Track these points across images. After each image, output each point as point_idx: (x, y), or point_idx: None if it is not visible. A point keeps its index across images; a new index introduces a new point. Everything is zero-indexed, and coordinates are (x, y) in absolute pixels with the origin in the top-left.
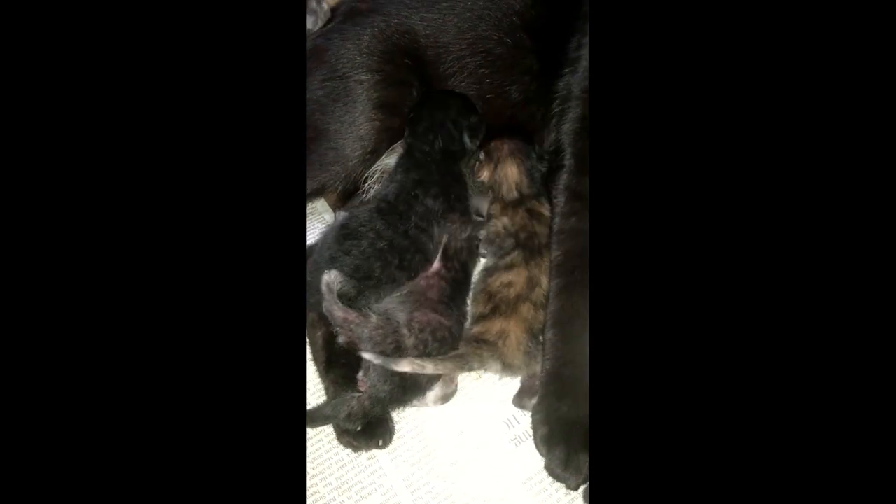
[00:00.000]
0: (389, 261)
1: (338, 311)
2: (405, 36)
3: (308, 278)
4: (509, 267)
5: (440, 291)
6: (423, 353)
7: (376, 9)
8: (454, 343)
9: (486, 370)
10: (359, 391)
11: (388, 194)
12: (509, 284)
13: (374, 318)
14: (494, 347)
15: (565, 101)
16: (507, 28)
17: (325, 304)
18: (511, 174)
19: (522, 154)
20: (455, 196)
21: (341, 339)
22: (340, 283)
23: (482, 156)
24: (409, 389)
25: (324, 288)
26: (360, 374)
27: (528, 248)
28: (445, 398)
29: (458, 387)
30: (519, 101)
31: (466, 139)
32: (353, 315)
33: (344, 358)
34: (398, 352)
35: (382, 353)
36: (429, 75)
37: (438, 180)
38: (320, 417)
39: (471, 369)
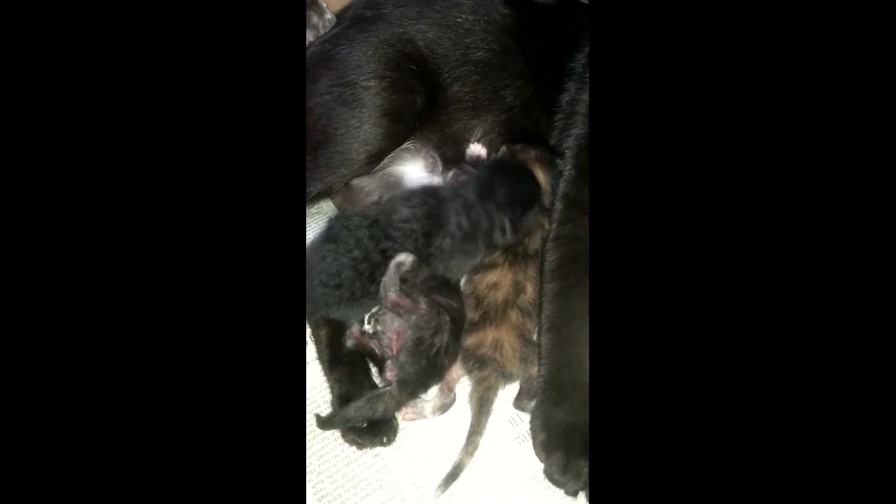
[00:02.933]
0: (361, 271)
1: (392, 294)
2: (408, 44)
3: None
4: (491, 266)
5: None
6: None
7: (381, 17)
8: (463, 322)
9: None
10: (378, 388)
11: (389, 217)
12: (495, 286)
13: (423, 304)
14: (494, 363)
15: (570, 116)
16: (492, 35)
17: (384, 281)
18: (539, 179)
19: (548, 164)
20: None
21: (349, 343)
22: (408, 265)
23: (503, 149)
24: (432, 373)
25: (392, 266)
26: (388, 363)
27: (512, 251)
28: (444, 408)
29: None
30: (515, 106)
31: (508, 233)
32: (406, 301)
33: (348, 356)
34: (438, 334)
35: (420, 340)
36: (431, 84)
37: (447, 258)
38: (356, 416)
39: (490, 398)
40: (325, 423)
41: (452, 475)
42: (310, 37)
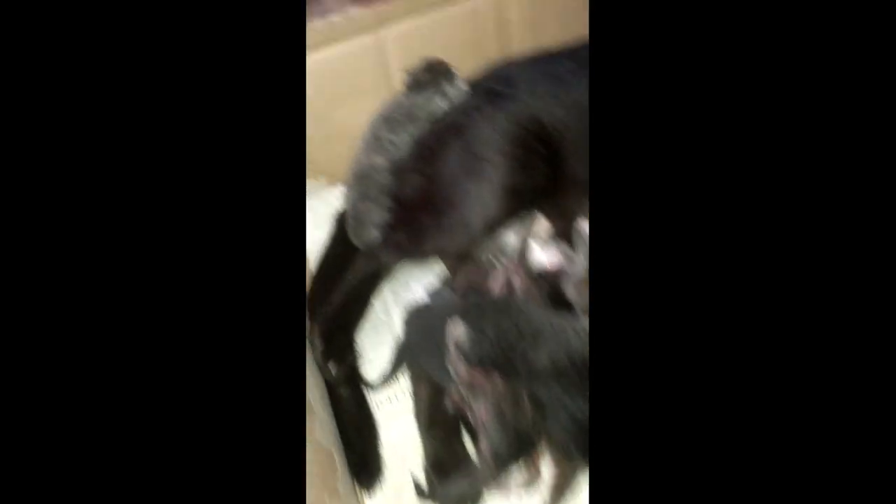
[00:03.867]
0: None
1: (463, 371)
2: (536, 123)
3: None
4: None
5: None
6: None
7: (513, 95)
8: None
9: None
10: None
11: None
12: None
13: (499, 382)
14: None
15: None
16: None
17: (449, 357)
18: None
19: None
20: None
21: (448, 405)
22: (466, 339)
23: None
24: (523, 447)
25: (450, 342)
26: (481, 437)
27: None
28: (528, 484)
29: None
30: None
31: None
32: (478, 378)
33: (443, 419)
34: (519, 409)
35: (501, 413)
36: (553, 162)
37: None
38: (456, 493)
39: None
40: (423, 494)
41: None
42: (442, 105)
